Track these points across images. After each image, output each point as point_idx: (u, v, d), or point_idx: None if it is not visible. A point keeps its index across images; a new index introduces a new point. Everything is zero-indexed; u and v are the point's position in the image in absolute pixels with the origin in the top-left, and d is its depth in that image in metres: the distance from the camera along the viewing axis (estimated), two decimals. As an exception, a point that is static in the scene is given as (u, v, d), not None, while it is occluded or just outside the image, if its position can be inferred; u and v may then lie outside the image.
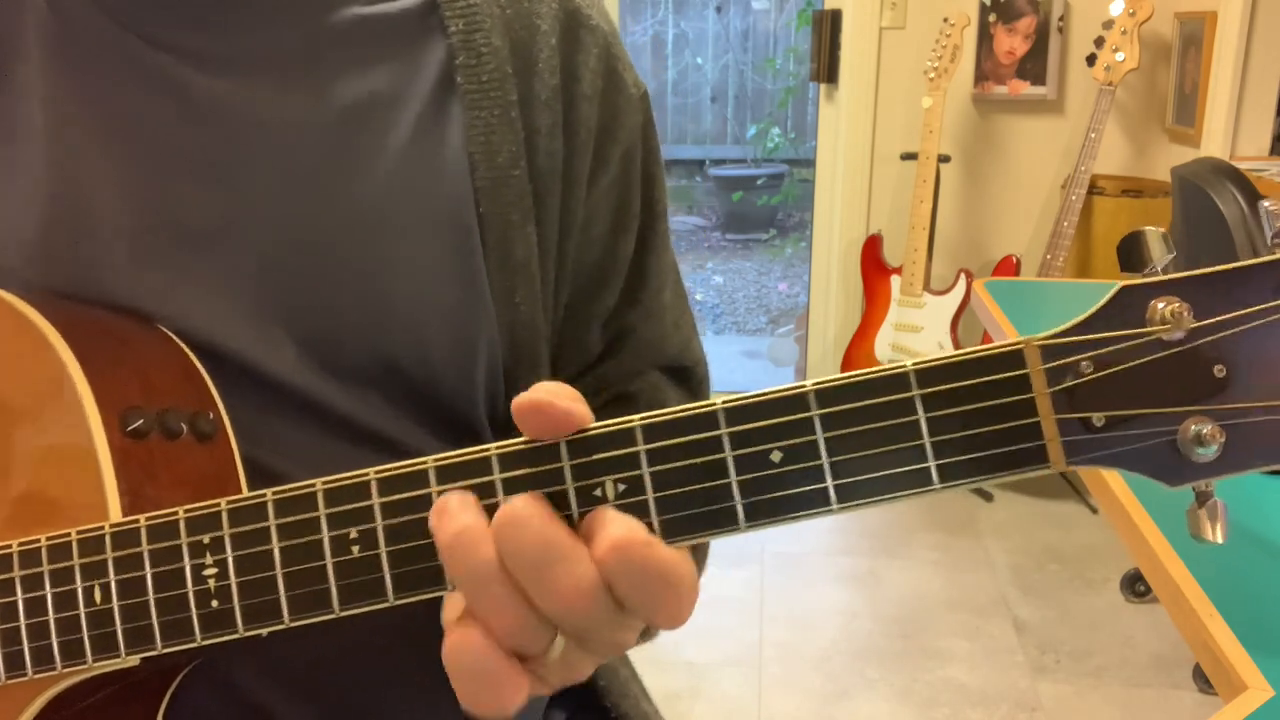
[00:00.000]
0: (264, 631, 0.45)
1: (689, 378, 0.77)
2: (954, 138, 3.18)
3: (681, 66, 7.07)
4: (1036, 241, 3.13)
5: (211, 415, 0.55)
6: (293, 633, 0.45)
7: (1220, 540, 0.39)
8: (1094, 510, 2.91)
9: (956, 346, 2.98)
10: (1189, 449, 0.37)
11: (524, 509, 0.39)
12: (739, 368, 4.65)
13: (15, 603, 0.48)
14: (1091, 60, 2.89)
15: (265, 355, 0.58)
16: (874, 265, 3.14)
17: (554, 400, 0.40)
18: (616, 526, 0.39)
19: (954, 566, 2.67)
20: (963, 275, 3.02)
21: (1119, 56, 2.81)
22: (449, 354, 0.62)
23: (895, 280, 3.08)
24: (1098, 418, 0.38)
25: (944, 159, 3.04)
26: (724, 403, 0.40)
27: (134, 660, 0.46)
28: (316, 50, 0.62)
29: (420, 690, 0.63)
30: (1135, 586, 2.51)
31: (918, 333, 3.04)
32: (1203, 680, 2.18)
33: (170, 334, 0.57)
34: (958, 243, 3.26)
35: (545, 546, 0.39)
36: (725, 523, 0.40)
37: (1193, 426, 0.37)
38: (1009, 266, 3.07)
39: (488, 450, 0.41)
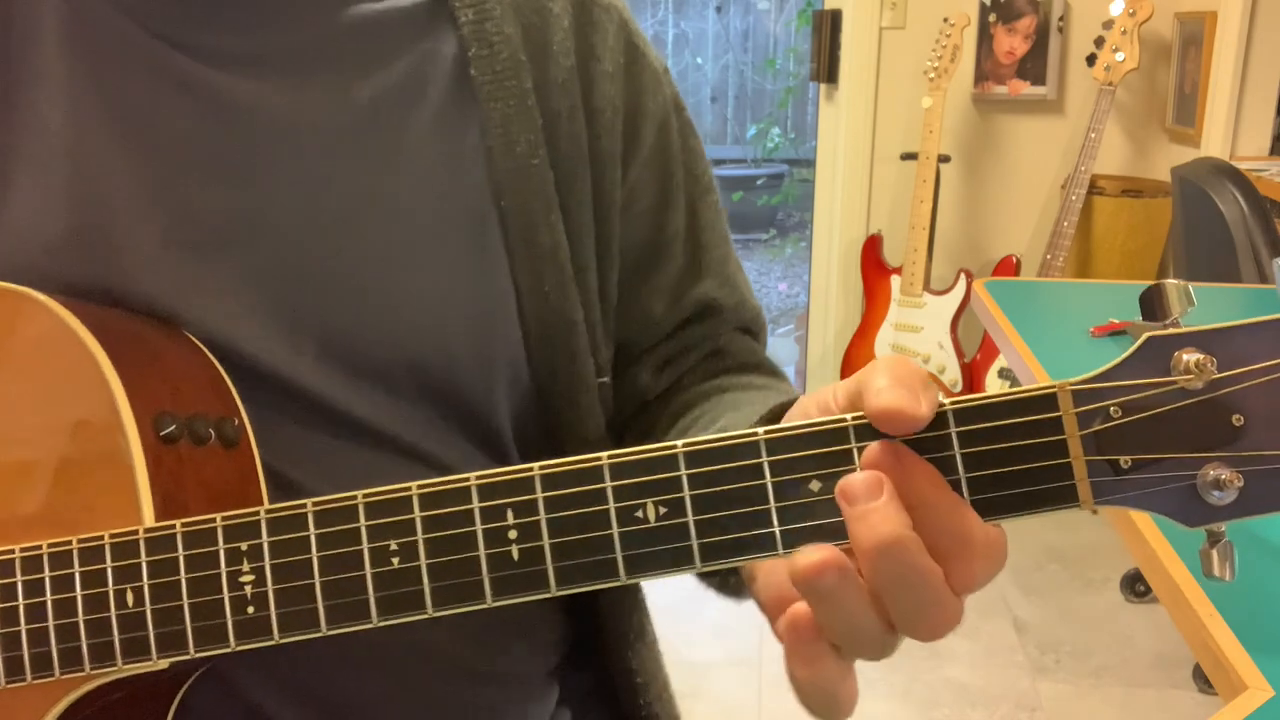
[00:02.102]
0: (299, 639, 0.45)
1: (758, 336, 0.77)
2: (954, 138, 3.18)
3: (681, 66, 7.07)
4: (1036, 241, 3.13)
5: (236, 422, 0.55)
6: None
7: (1230, 579, 0.41)
8: (1094, 510, 2.91)
9: (957, 347, 2.98)
10: (1207, 492, 0.39)
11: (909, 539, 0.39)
12: (739, 368, 4.63)
13: (45, 603, 0.48)
14: (1091, 60, 2.89)
15: (283, 358, 0.58)
16: (874, 265, 3.14)
17: (914, 412, 0.39)
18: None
19: (954, 566, 2.66)
20: (963, 275, 3.02)
21: (1119, 56, 2.81)
22: (471, 351, 0.62)
23: (895, 280, 3.08)
24: (1124, 460, 0.40)
25: (944, 159, 3.04)
26: (765, 432, 0.41)
27: (164, 664, 0.47)
28: (331, 48, 0.62)
29: (418, 691, 0.63)
30: (1135, 586, 2.51)
31: (918, 333, 3.04)
32: (1203, 680, 2.18)
33: (193, 338, 0.57)
34: (958, 243, 3.26)
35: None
36: (763, 547, 0.41)
37: (1211, 471, 0.39)
38: (1009, 266, 3.07)
39: (530, 470, 0.42)
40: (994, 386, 2.94)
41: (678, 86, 0.73)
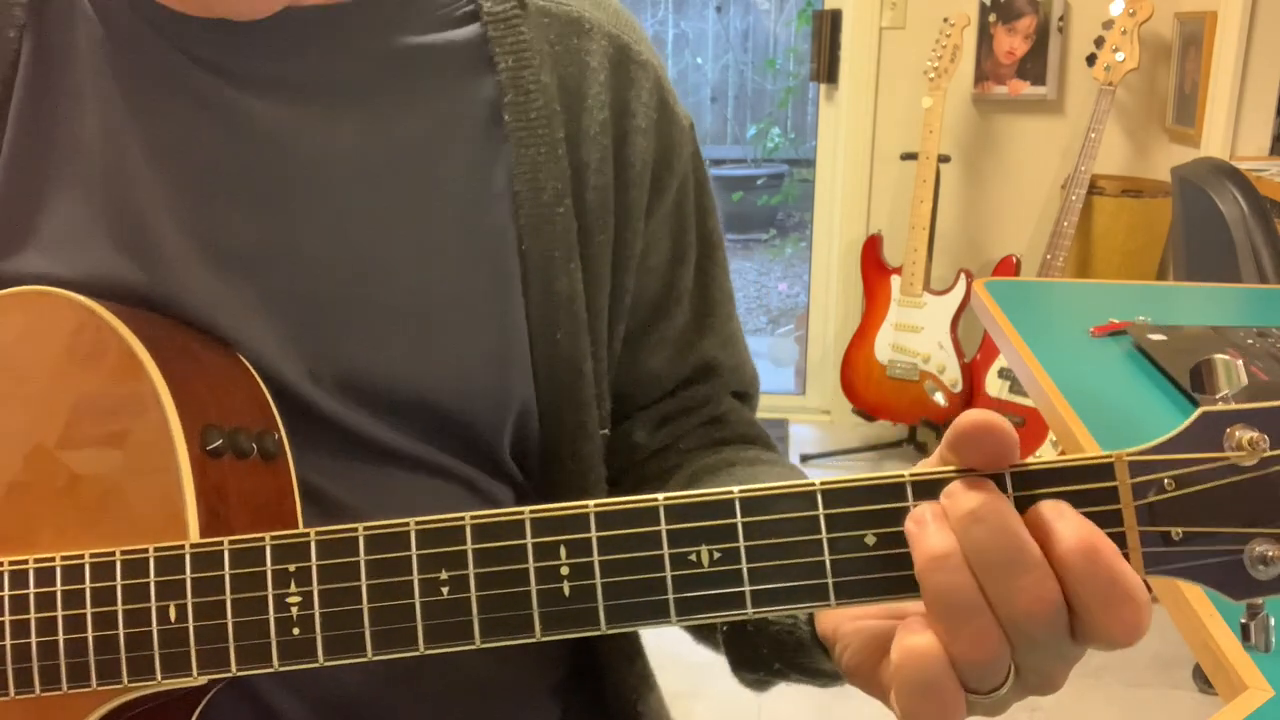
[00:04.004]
0: (343, 662, 0.44)
1: (750, 400, 0.78)
2: (954, 138, 3.18)
3: (681, 66, 7.06)
4: (1036, 241, 3.13)
5: (276, 436, 0.55)
6: None
7: (1266, 651, 0.42)
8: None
9: (956, 348, 2.98)
10: (1253, 566, 0.40)
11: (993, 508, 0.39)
12: (739, 368, 4.62)
13: (85, 615, 0.47)
14: (1091, 60, 2.89)
15: (299, 383, 0.58)
16: (874, 265, 3.14)
17: (1003, 426, 0.40)
18: (1080, 527, 0.39)
19: (954, 566, 2.66)
20: (963, 275, 3.02)
21: (1119, 56, 2.81)
22: (486, 389, 0.62)
23: (895, 280, 3.08)
24: (1176, 532, 0.40)
25: (944, 159, 3.04)
26: (821, 484, 0.41)
27: (203, 680, 0.46)
28: (369, 80, 0.62)
29: (433, 700, 0.63)
30: (1135, 586, 2.50)
31: (918, 333, 3.04)
32: (1203, 680, 2.18)
33: (233, 351, 0.57)
34: (958, 243, 3.26)
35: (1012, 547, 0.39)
36: (815, 597, 0.41)
37: (1258, 547, 0.40)
38: (1009, 266, 3.07)
39: (586, 507, 0.43)
40: (994, 386, 2.94)
41: (678, 87, 0.73)
